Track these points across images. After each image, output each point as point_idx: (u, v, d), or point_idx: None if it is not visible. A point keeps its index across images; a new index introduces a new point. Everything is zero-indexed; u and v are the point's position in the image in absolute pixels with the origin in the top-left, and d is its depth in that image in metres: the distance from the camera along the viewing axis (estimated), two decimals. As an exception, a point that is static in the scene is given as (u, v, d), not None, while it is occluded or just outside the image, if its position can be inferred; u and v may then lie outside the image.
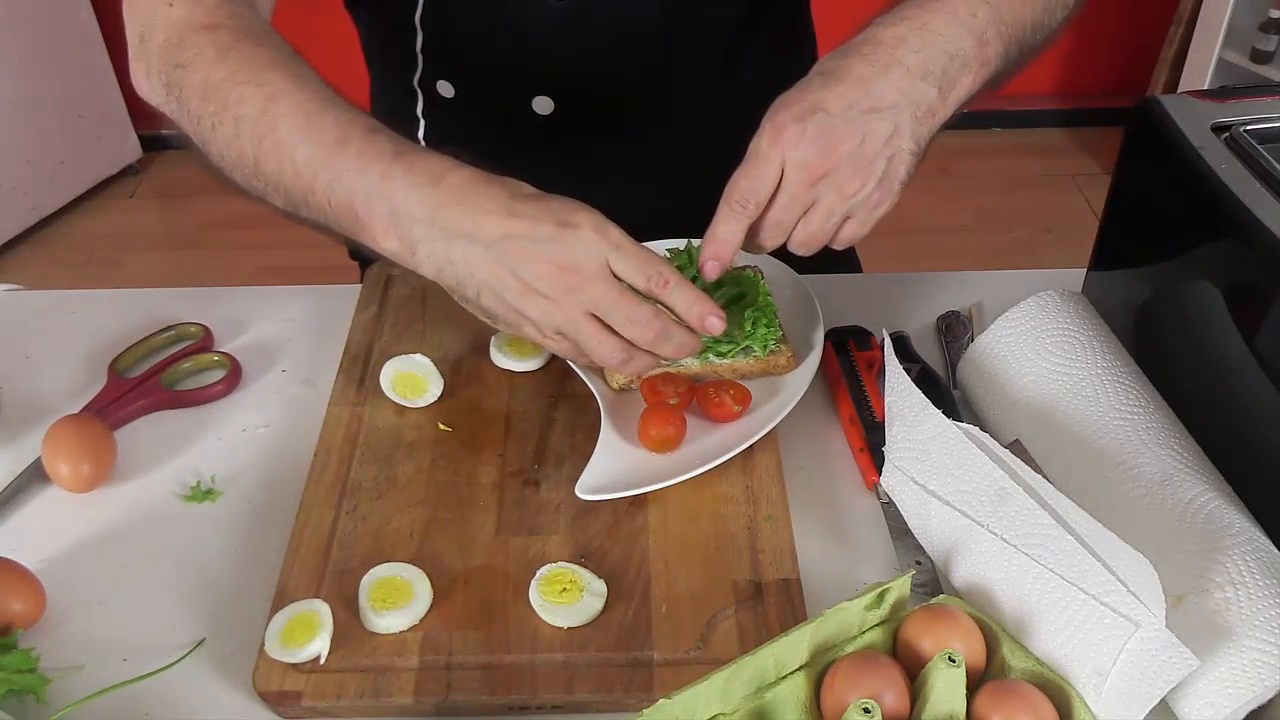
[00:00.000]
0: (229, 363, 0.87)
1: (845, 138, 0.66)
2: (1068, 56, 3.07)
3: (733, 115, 1.01)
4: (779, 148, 0.67)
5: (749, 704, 0.59)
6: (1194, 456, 0.68)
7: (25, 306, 0.98)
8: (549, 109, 0.96)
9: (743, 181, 0.68)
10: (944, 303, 0.93)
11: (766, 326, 0.80)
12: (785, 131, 0.67)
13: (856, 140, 0.66)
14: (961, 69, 0.69)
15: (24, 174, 2.63)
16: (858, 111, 0.67)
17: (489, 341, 0.86)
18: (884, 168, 0.68)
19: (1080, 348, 0.74)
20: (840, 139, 0.66)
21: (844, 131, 0.66)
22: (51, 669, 0.65)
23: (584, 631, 0.66)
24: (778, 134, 0.67)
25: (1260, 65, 2.55)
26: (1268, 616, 0.59)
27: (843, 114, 0.67)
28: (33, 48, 2.57)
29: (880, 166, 0.68)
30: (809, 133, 0.66)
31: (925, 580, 0.70)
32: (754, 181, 0.68)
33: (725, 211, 0.69)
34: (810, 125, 0.66)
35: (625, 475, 0.73)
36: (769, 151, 0.67)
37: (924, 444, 0.68)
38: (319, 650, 0.64)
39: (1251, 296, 0.65)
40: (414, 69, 0.97)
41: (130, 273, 2.62)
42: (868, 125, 0.67)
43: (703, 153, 1.01)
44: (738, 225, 0.69)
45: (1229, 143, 0.70)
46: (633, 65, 0.95)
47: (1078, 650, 0.59)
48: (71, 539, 0.75)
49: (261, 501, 0.77)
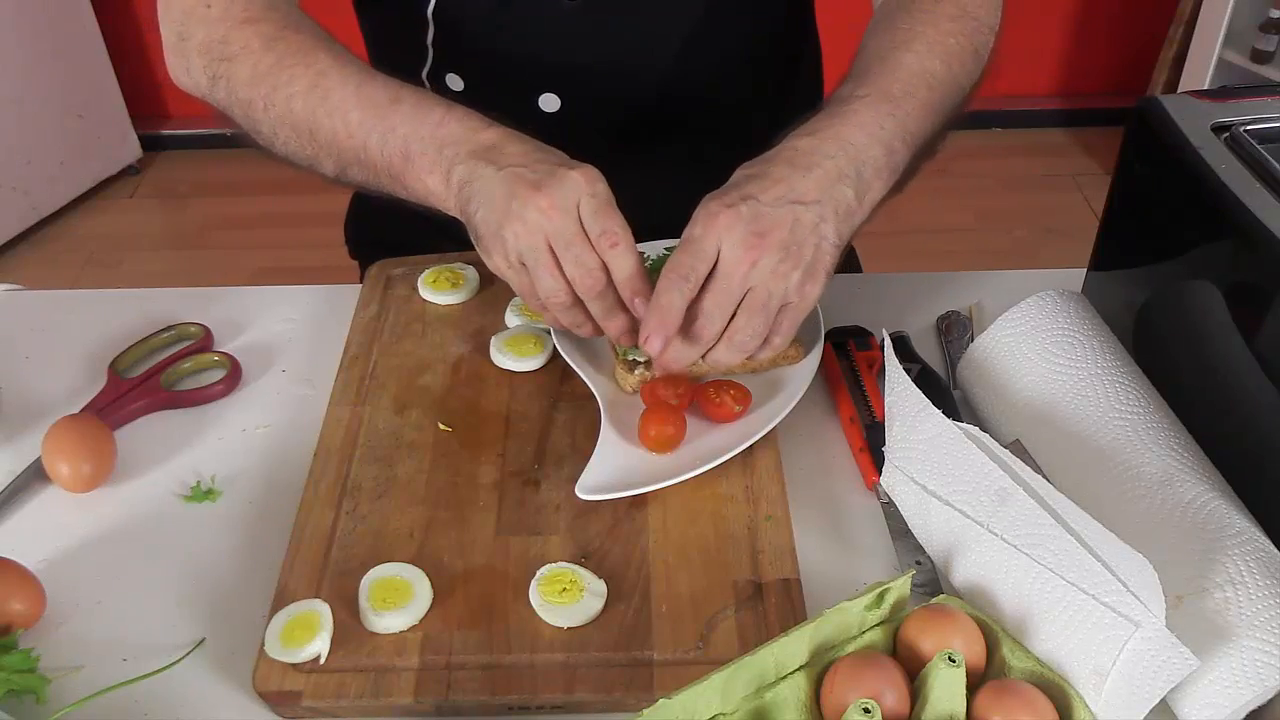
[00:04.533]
0: (229, 363, 0.87)
1: (776, 224, 0.68)
2: (1068, 56, 3.07)
3: (738, 117, 1.01)
4: (714, 230, 0.68)
5: (749, 704, 0.59)
6: (1194, 456, 0.68)
7: (25, 306, 0.98)
8: (555, 106, 0.96)
9: (683, 257, 0.69)
10: (944, 303, 0.93)
11: None
12: (720, 217, 0.68)
13: (787, 227, 0.68)
14: (874, 174, 0.72)
15: (24, 174, 2.63)
16: (785, 202, 0.69)
17: (489, 341, 0.86)
18: (811, 255, 0.69)
19: (1080, 348, 0.74)
20: (772, 225, 0.68)
21: (775, 218, 0.68)
22: (51, 669, 0.65)
23: (584, 631, 0.66)
24: (712, 220, 0.68)
25: (1260, 65, 2.55)
26: (1268, 616, 0.59)
27: (772, 204, 0.69)
28: (33, 48, 2.57)
29: (809, 253, 0.69)
30: (743, 217, 0.68)
31: (925, 580, 0.70)
32: (693, 258, 0.69)
33: (665, 283, 0.69)
34: (744, 209, 0.68)
35: (625, 475, 0.73)
36: (704, 234, 0.68)
37: (924, 444, 0.68)
38: (319, 650, 0.64)
39: (1251, 296, 0.65)
40: (423, 62, 0.97)
41: (130, 273, 2.62)
42: (796, 214, 0.69)
43: (706, 154, 1.01)
44: (679, 296, 0.69)
45: (1229, 143, 0.70)
46: (641, 67, 0.95)
47: (1078, 650, 0.59)
48: (71, 539, 0.75)
49: (261, 501, 0.77)
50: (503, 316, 0.89)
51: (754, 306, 0.69)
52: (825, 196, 0.70)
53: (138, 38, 2.93)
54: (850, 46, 0.81)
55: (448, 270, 0.93)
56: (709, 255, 0.69)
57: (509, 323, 0.89)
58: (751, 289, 0.69)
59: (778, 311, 0.70)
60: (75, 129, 2.74)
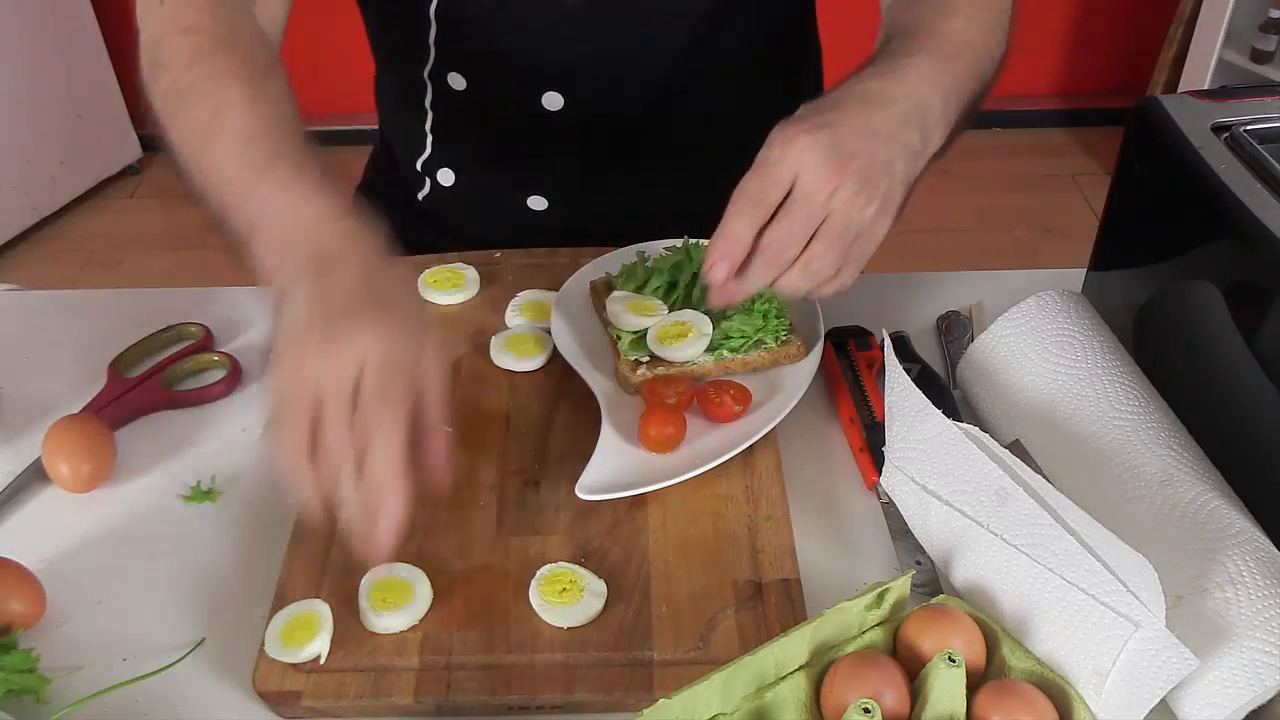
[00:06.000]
0: (229, 363, 0.87)
1: (856, 153, 0.66)
2: (1068, 56, 3.07)
3: (740, 120, 1.01)
4: (793, 154, 0.65)
5: (749, 704, 0.59)
6: (1194, 456, 0.68)
7: (25, 306, 0.98)
8: (558, 105, 0.96)
9: (753, 183, 0.66)
10: (944, 303, 0.93)
11: (777, 317, 0.80)
12: (798, 140, 0.65)
13: (865, 157, 0.66)
14: (935, 124, 0.71)
15: (24, 174, 2.63)
16: (863, 134, 0.67)
17: (489, 341, 0.86)
18: (885, 189, 0.68)
19: (1080, 348, 0.74)
20: (852, 153, 0.66)
21: (854, 147, 0.66)
22: (51, 669, 0.65)
23: (584, 631, 0.65)
24: (790, 143, 0.66)
25: (1260, 65, 2.55)
26: (1268, 616, 0.59)
27: (850, 134, 0.67)
28: (33, 48, 2.57)
29: (883, 187, 0.67)
30: (823, 142, 0.65)
31: (925, 580, 0.70)
32: (765, 184, 0.66)
33: (735, 209, 0.67)
34: (823, 136, 0.66)
35: (625, 475, 0.73)
36: (781, 157, 0.66)
37: (924, 444, 0.68)
38: (319, 650, 0.64)
39: (1251, 296, 0.65)
40: (425, 60, 0.97)
41: (130, 273, 2.62)
42: (872, 147, 0.67)
43: (709, 155, 1.01)
44: (748, 224, 0.66)
45: (1229, 143, 0.70)
46: (644, 65, 0.95)
47: (1078, 650, 0.59)
48: (71, 539, 0.75)
49: (261, 501, 0.77)
50: (503, 316, 0.89)
51: (833, 233, 0.67)
52: (896, 136, 0.68)
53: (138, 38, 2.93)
54: (851, 48, 0.82)
55: (448, 270, 0.93)
56: (784, 181, 0.66)
57: (509, 323, 0.89)
58: (830, 215, 0.66)
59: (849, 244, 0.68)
60: (75, 129, 2.74)
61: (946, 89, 0.72)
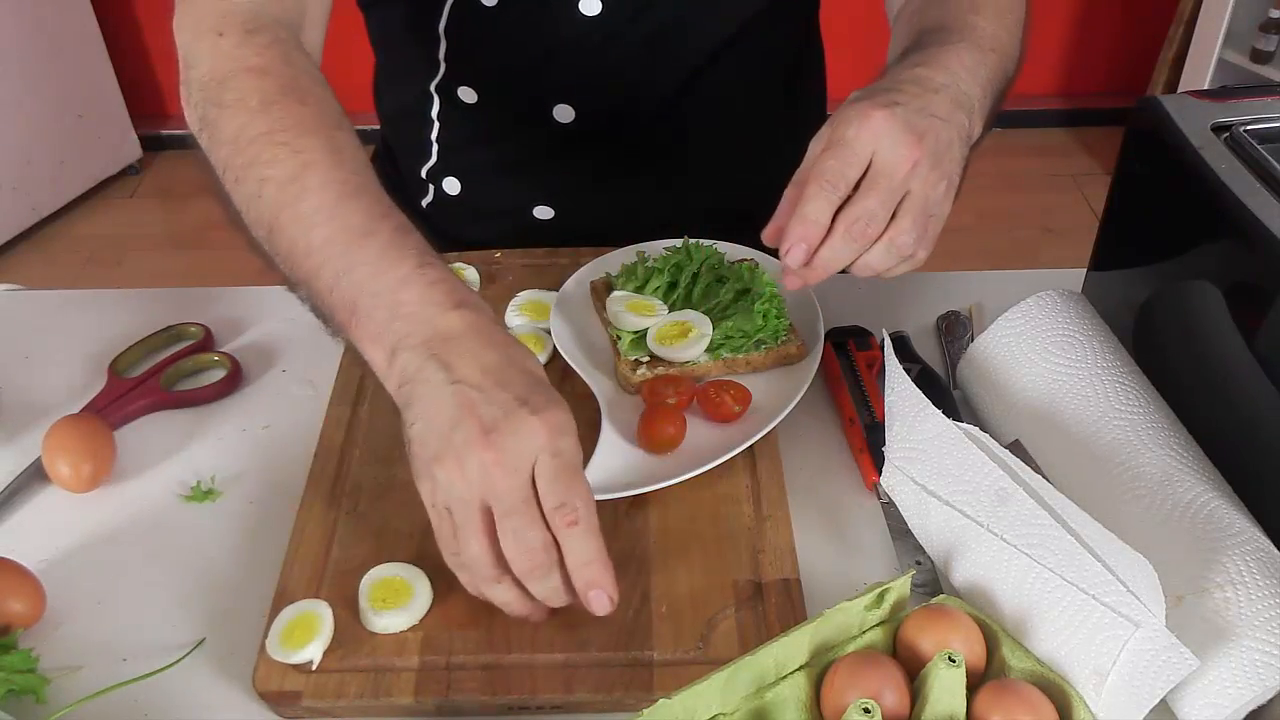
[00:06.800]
0: (229, 363, 0.87)
1: (928, 130, 0.66)
2: (1068, 56, 3.07)
3: (750, 131, 1.01)
4: (870, 130, 0.64)
5: (749, 704, 0.59)
6: (1194, 456, 0.68)
7: (25, 306, 0.98)
8: (569, 117, 0.96)
9: (831, 162, 0.65)
10: (944, 303, 0.93)
11: (777, 317, 0.80)
12: (874, 117, 0.65)
13: (935, 134, 0.66)
14: (976, 112, 0.71)
15: (24, 174, 2.63)
16: (927, 114, 0.67)
17: (489, 341, 0.86)
18: (950, 168, 0.67)
19: (1080, 348, 0.74)
20: (925, 130, 0.65)
21: (924, 125, 0.66)
22: (51, 669, 0.65)
23: (584, 631, 0.65)
24: (866, 119, 0.65)
25: (1260, 65, 2.55)
26: (1268, 617, 0.59)
27: (918, 111, 0.66)
28: (33, 48, 2.58)
29: (949, 166, 0.67)
30: (898, 119, 0.65)
31: (925, 580, 0.70)
32: (844, 162, 0.65)
33: (814, 190, 0.65)
34: (898, 112, 0.65)
35: (625, 475, 0.73)
36: (858, 135, 0.65)
37: (924, 444, 0.68)
38: (319, 650, 0.64)
39: (1251, 296, 0.65)
40: (434, 74, 0.97)
41: (130, 273, 2.62)
42: (936, 126, 0.67)
43: (718, 166, 1.01)
44: (827, 204, 0.65)
45: (1229, 143, 0.70)
46: (656, 79, 0.95)
47: (1078, 650, 0.59)
48: (71, 539, 0.75)
49: (261, 501, 0.77)
50: (503, 316, 0.89)
51: (915, 208, 0.66)
52: (952, 118, 0.68)
53: (138, 38, 2.93)
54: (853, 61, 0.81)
55: (448, 270, 0.93)
56: (862, 159, 0.65)
57: (509, 323, 0.89)
58: (910, 191, 0.66)
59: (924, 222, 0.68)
60: (75, 129, 2.74)
61: (984, 80, 0.72)
